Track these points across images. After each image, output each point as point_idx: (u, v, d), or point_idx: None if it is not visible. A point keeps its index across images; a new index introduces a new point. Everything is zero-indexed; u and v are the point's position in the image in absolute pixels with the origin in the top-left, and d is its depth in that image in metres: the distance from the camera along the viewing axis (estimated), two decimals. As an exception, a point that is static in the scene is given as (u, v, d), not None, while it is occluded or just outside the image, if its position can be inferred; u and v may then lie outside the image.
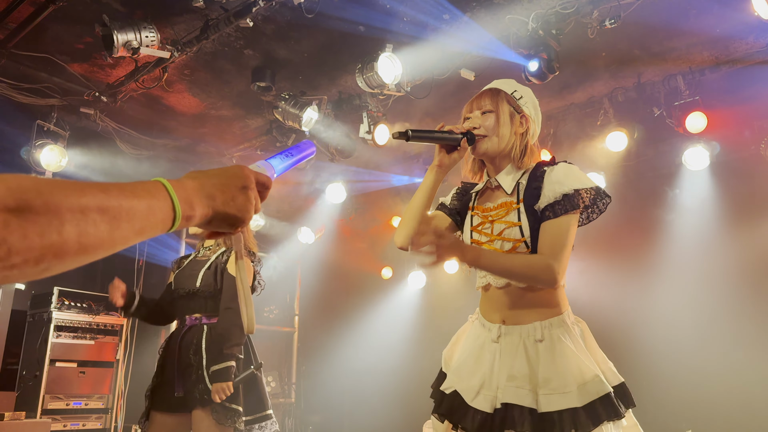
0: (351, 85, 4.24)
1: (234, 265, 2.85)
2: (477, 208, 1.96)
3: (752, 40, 3.73)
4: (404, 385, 6.52)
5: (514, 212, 1.83)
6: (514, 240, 1.80)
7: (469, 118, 1.93)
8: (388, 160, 5.53)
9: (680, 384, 4.84)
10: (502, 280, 1.82)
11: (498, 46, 3.50)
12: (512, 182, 1.88)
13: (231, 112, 4.78)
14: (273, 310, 6.39)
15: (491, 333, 1.82)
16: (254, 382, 2.84)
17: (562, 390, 1.64)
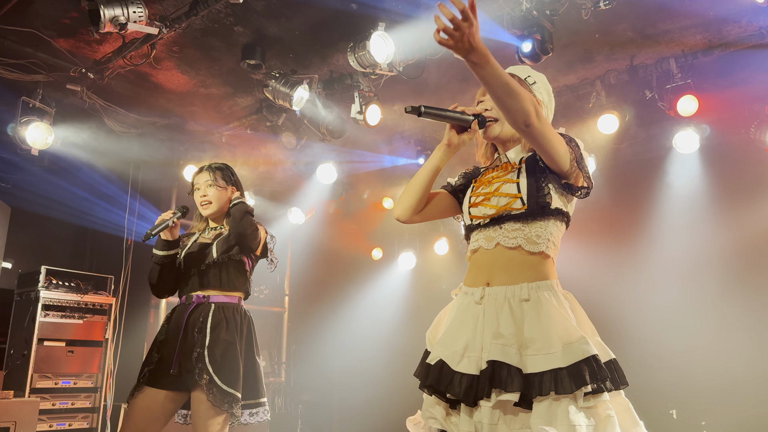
0: (343, 64, 4.19)
1: None
2: (479, 180, 1.97)
3: (745, 24, 3.72)
4: (393, 364, 6.57)
5: (514, 171, 1.85)
6: (510, 195, 1.80)
7: (483, 101, 1.93)
8: (379, 140, 5.50)
9: (666, 365, 4.91)
10: (492, 242, 1.80)
11: (492, 26, 3.47)
12: (518, 156, 1.91)
13: (220, 91, 4.72)
14: (263, 290, 6.39)
15: (474, 296, 1.79)
16: (253, 369, 2.76)
17: (547, 351, 1.61)
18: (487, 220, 1.83)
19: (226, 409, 2.57)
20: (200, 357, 2.61)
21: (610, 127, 4.40)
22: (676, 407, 4.83)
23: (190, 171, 5.51)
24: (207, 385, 2.56)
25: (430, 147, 5.38)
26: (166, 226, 2.74)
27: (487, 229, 1.83)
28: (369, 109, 4.16)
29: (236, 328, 2.74)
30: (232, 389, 2.58)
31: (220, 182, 2.88)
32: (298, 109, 4.21)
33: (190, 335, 2.69)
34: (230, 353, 2.66)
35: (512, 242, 1.77)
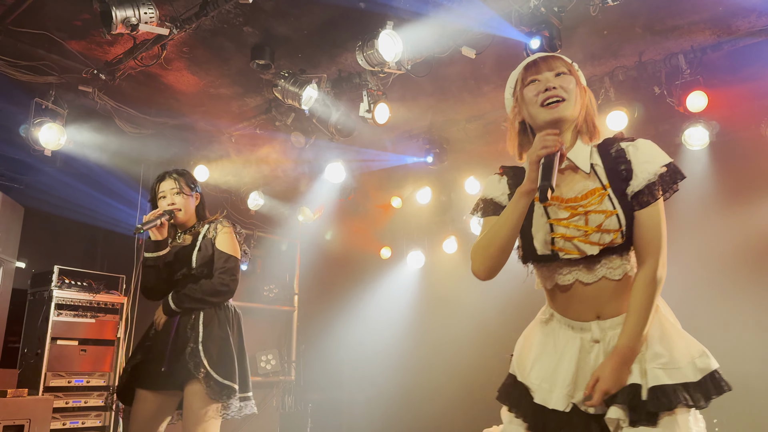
0: (351, 63, 4.21)
1: (223, 240, 2.87)
2: (553, 199, 1.69)
3: (755, 18, 3.70)
4: (403, 363, 6.59)
5: (607, 199, 1.64)
6: (613, 231, 1.61)
7: (536, 80, 1.70)
8: (388, 139, 5.51)
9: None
10: (593, 277, 1.65)
11: (500, 23, 3.47)
12: (586, 160, 1.69)
13: (230, 91, 4.75)
14: (273, 289, 6.42)
15: (590, 333, 1.66)
16: (243, 363, 2.84)
17: (673, 366, 1.56)
18: (578, 256, 1.65)
19: (224, 400, 2.63)
20: (194, 352, 2.67)
21: (619, 124, 4.39)
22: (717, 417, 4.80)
23: (201, 171, 5.55)
24: (204, 378, 2.62)
25: (438, 145, 5.39)
26: (156, 222, 2.79)
27: (582, 264, 1.66)
28: (377, 108, 4.17)
29: (228, 324, 2.82)
30: (229, 381, 2.66)
31: (186, 189, 2.95)
32: (306, 108, 4.23)
33: (182, 333, 2.76)
34: (225, 348, 2.74)
35: (618, 273, 1.65)
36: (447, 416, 6.14)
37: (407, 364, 6.57)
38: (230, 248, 2.88)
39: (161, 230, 2.83)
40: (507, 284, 6.26)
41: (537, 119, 1.71)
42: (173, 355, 2.72)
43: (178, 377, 2.69)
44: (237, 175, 5.87)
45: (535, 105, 1.69)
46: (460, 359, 6.13)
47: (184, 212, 2.94)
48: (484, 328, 6.03)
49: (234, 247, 2.91)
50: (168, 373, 2.70)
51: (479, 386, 5.97)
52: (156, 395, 2.75)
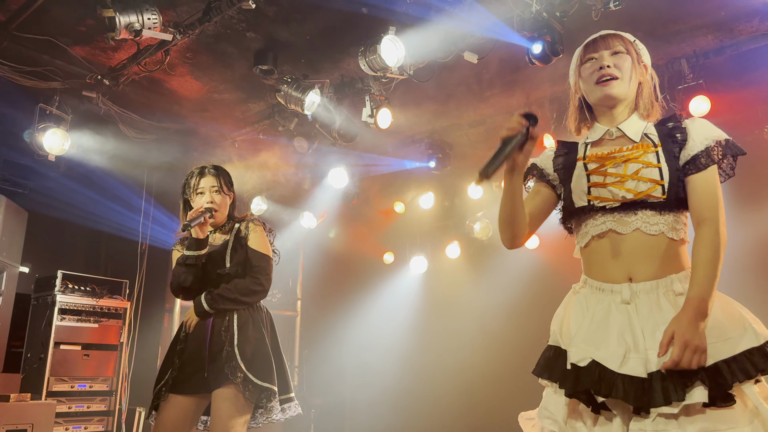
0: (353, 69, 4.23)
1: (255, 240, 2.77)
2: (591, 157, 1.74)
3: (757, 23, 3.71)
4: (406, 369, 6.57)
5: (653, 154, 1.66)
6: (650, 181, 1.62)
7: (593, 58, 1.75)
8: (390, 144, 5.52)
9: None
10: (627, 227, 1.63)
11: (502, 28, 3.48)
12: (638, 132, 1.71)
13: (233, 96, 4.77)
14: (275, 294, 6.43)
15: (620, 294, 1.61)
16: (282, 364, 2.74)
17: (726, 336, 1.50)
18: (616, 204, 1.64)
19: (264, 403, 2.56)
20: (230, 355, 2.57)
21: (622, 129, 4.39)
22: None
23: (204, 176, 5.56)
24: (242, 382, 2.51)
25: (440, 150, 5.40)
26: (200, 219, 2.66)
27: (617, 213, 1.64)
28: (380, 113, 4.19)
29: (262, 324, 2.74)
30: (268, 383, 2.56)
31: (225, 188, 2.84)
32: (309, 113, 4.24)
33: (216, 336, 2.65)
34: (261, 349, 2.64)
35: (654, 229, 1.62)
36: (451, 422, 6.12)
37: (410, 370, 6.56)
38: (263, 247, 2.78)
39: (203, 228, 2.70)
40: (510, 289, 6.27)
41: (591, 96, 1.77)
42: (210, 359, 2.62)
43: (215, 381, 2.59)
44: (240, 180, 5.88)
45: (590, 83, 1.75)
46: (464, 364, 6.12)
47: (223, 212, 2.83)
48: (487, 333, 6.01)
49: (267, 246, 2.82)
50: (204, 378, 2.61)
51: (483, 391, 5.96)
52: (189, 400, 2.64)
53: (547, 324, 6.39)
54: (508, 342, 5.88)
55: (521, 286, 5.91)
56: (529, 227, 1.83)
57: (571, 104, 1.89)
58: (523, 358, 5.79)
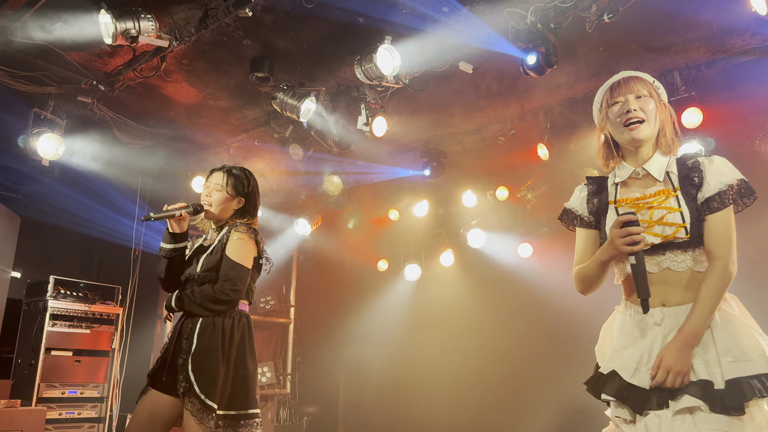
0: (349, 77, 4.25)
1: (233, 247, 2.68)
2: (621, 201, 1.95)
3: (749, 36, 3.75)
4: (400, 376, 6.56)
5: (673, 199, 1.86)
6: (675, 225, 1.82)
7: (618, 102, 1.93)
8: (385, 152, 5.54)
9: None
10: (657, 267, 1.85)
11: (496, 39, 3.51)
12: (661, 170, 1.91)
13: (229, 103, 4.78)
14: (269, 301, 6.41)
15: (652, 317, 1.84)
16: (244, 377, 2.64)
17: (745, 358, 1.69)
18: (648, 247, 1.85)
19: (205, 420, 2.46)
20: (184, 364, 2.54)
21: (615, 139, 4.42)
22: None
23: (199, 182, 5.57)
24: (187, 393, 2.49)
25: (435, 159, 5.42)
26: (169, 215, 2.67)
27: (650, 255, 1.85)
28: (375, 121, 4.20)
29: (224, 333, 2.63)
30: (208, 399, 2.48)
31: (230, 190, 2.79)
32: (305, 120, 4.26)
33: (179, 342, 2.63)
34: (211, 361, 2.55)
35: (682, 266, 1.83)
36: (446, 428, 6.11)
37: (404, 378, 6.55)
38: (238, 256, 2.66)
39: (180, 223, 2.70)
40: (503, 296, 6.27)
41: (619, 137, 1.96)
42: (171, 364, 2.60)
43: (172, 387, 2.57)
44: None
45: (618, 125, 1.93)
46: (458, 372, 6.11)
47: (216, 210, 2.77)
48: (480, 341, 6.02)
49: (244, 255, 2.69)
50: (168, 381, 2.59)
51: (476, 398, 5.95)
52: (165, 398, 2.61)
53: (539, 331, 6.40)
54: (501, 349, 5.89)
55: (514, 293, 5.92)
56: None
57: (597, 141, 2.07)
58: (515, 364, 5.81)
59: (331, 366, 7.04)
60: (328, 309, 7.09)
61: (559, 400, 5.49)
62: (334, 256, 6.98)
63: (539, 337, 5.74)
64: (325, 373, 7.01)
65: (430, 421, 6.22)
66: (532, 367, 5.71)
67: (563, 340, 5.58)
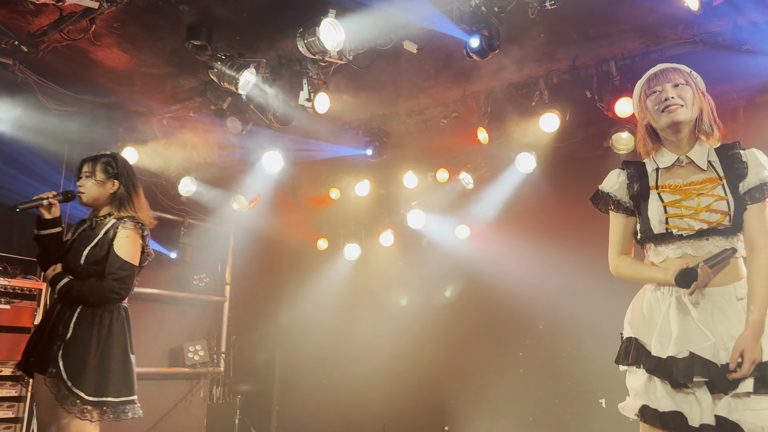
0: (292, 50, 4.14)
1: (121, 244, 2.77)
2: (665, 186, 2.04)
3: (681, 30, 3.89)
4: (337, 355, 6.58)
5: (720, 187, 1.96)
6: (721, 212, 1.93)
7: (656, 91, 2.01)
8: (327, 129, 5.46)
9: (597, 357, 5.11)
10: (700, 251, 1.96)
11: (441, 20, 3.50)
12: (704, 159, 2.01)
13: (163, 71, 4.58)
14: (203, 279, 6.25)
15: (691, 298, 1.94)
16: (123, 365, 2.75)
17: None
18: (692, 232, 1.96)
19: (68, 407, 2.55)
20: (56, 352, 2.62)
21: (552, 126, 4.53)
22: (605, 397, 5.04)
23: (130, 153, 5.33)
24: (55, 380, 2.58)
25: (378, 139, 5.39)
26: (36, 204, 2.81)
27: (692, 240, 1.97)
28: (318, 97, 4.12)
29: (100, 325, 2.73)
30: (77, 389, 2.57)
31: (99, 176, 2.88)
32: (244, 93, 4.13)
33: (55, 328, 2.70)
34: (83, 350, 2.65)
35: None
36: (381, 407, 6.18)
37: (341, 357, 6.57)
38: (128, 254, 2.77)
39: (51, 209, 2.84)
40: (441, 277, 6.36)
41: (658, 123, 2.04)
42: (43, 348, 2.68)
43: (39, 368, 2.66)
44: (168, 159, 5.66)
45: (656, 112, 2.02)
46: (395, 351, 6.18)
47: (90, 198, 2.89)
48: (418, 320, 6.10)
49: (132, 252, 2.79)
50: (36, 363, 2.67)
51: (414, 376, 6.05)
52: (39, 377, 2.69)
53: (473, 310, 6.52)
54: (437, 328, 5.99)
55: (452, 274, 6.01)
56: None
57: (639, 131, 2.15)
58: (449, 342, 5.93)
59: (266, 344, 6.97)
60: (265, 287, 6.99)
61: (491, 375, 5.66)
62: (272, 234, 6.86)
63: (473, 315, 5.87)
64: (261, 351, 6.94)
65: (366, 399, 6.28)
66: (465, 344, 5.85)
67: (495, 319, 5.74)
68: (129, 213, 2.91)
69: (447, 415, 5.81)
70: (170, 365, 5.94)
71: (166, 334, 5.94)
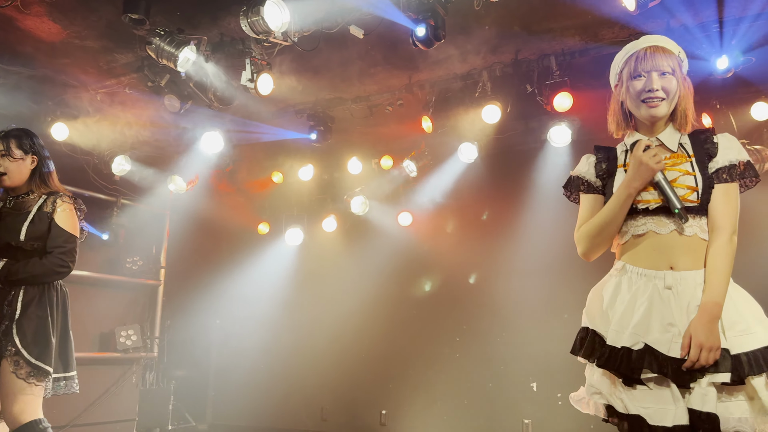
0: (235, 28, 4.03)
1: (63, 218, 2.76)
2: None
3: (618, 29, 4.03)
4: (276, 342, 6.53)
5: (687, 163, 1.89)
6: (687, 187, 1.85)
7: (641, 77, 1.90)
8: (271, 111, 5.36)
9: (529, 342, 5.29)
10: (665, 228, 1.85)
11: (388, 6, 3.49)
12: (675, 141, 1.93)
13: (97, 44, 4.36)
14: (137, 261, 6.04)
15: (663, 280, 1.83)
16: (66, 342, 2.78)
17: (748, 331, 1.73)
18: (657, 204, 1.86)
19: (32, 382, 2.57)
20: (8, 330, 2.61)
21: (493, 117, 4.61)
22: (536, 380, 5.23)
23: (60, 129, 5.07)
24: (13, 357, 2.56)
25: (322, 123, 5.34)
26: None
27: (657, 216, 1.87)
28: (261, 78, 4.03)
29: (50, 303, 2.73)
30: (42, 363, 2.60)
31: (15, 152, 2.79)
32: (183, 70, 3.99)
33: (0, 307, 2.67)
34: (42, 328, 2.66)
35: (689, 231, 1.84)
36: (320, 395, 6.19)
37: (280, 343, 6.52)
38: (71, 227, 2.79)
39: None
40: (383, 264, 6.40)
41: (636, 111, 1.96)
42: None
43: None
44: (101, 137, 5.42)
45: (637, 100, 1.93)
46: (335, 339, 6.19)
47: (10, 177, 2.79)
48: (359, 307, 6.12)
49: (74, 225, 2.81)
50: None
51: (354, 363, 6.08)
52: None
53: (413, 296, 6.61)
54: (377, 315, 6.03)
55: (394, 261, 6.06)
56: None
57: (612, 105, 2.07)
58: (390, 329, 5.99)
59: (203, 329, 6.84)
60: (202, 271, 6.84)
61: (428, 360, 5.77)
62: (210, 217, 6.71)
63: (412, 302, 5.95)
64: (197, 336, 6.80)
65: (304, 385, 6.28)
66: (404, 330, 5.92)
67: (433, 305, 5.84)
68: (53, 189, 2.86)
69: (384, 399, 5.88)
70: (101, 350, 5.74)
71: (97, 318, 5.73)
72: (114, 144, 5.52)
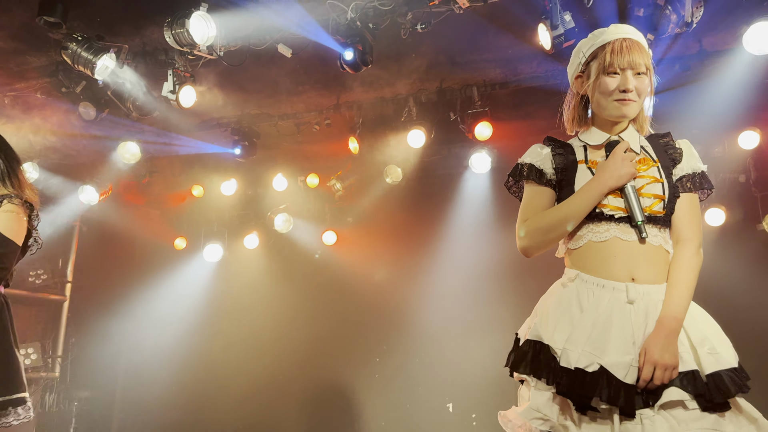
0: (158, 38, 3.91)
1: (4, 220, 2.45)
2: (595, 164, 1.79)
3: (535, 66, 4.26)
4: (189, 362, 6.29)
5: (654, 169, 1.76)
6: (654, 196, 1.72)
7: (616, 75, 1.75)
8: (193, 124, 5.23)
9: (446, 362, 5.40)
10: (632, 235, 1.69)
11: (317, 29, 3.51)
12: (637, 143, 1.80)
13: (8, 45, 4.11)
14: (41, 275, 5.67)
15: (623, 293, 1.66)
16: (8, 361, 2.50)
17: (715, 350, 1.59)
18: (625, 213, 1.71)
19: None
20: None
21: (418, 142, 4.73)
22: (452, 401, 5.33)
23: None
24: None
25: (247, 138, 5.27)
26: None
27: (623, 223, 1.71)
28: (183, 90, 3.94)
29: None
30: None
31: None
32: (100, 78, 3.84)
33: None
34: None
35: (655, 240, 1.70)
36: (233, 419, 6.01)
37: (194, 364, 6.29)
38: (10, 230, 2.46)
39: None
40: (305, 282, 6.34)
41: (604, 109, 1.80)
42: None
43: None
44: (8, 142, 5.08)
45: (608, 98, 1.77)
46: (253, 356, 6.05)
47: None
48: (278, 328, 6.03)
49: (16, 230, 2.49)
50: None
51: (269, 386, 5.96)
52: None
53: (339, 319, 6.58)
54: (298, 335, 5.96)
55: (316, 280, 6.03)
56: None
57: (572, 98, 1.91)
58: (310, 349, 5.92)
59: (111, 348, 6.48)
60: (112, 286, 6.50)
61: (348, 380, 5.75)
62: (124, 230, 6.41)
63: (334, 322, 5.93)
64: (104, 355, 6.43)
65: (218, 406, 6.08)
66: (325, 350, 5.88)
67: (354, 326, 5.85)
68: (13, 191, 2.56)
69: (303, 422, 5.80)
70: (-6, 370, 5.32)
71: (-8, 335, 5.31)
72: (22, 150, 5.18)
